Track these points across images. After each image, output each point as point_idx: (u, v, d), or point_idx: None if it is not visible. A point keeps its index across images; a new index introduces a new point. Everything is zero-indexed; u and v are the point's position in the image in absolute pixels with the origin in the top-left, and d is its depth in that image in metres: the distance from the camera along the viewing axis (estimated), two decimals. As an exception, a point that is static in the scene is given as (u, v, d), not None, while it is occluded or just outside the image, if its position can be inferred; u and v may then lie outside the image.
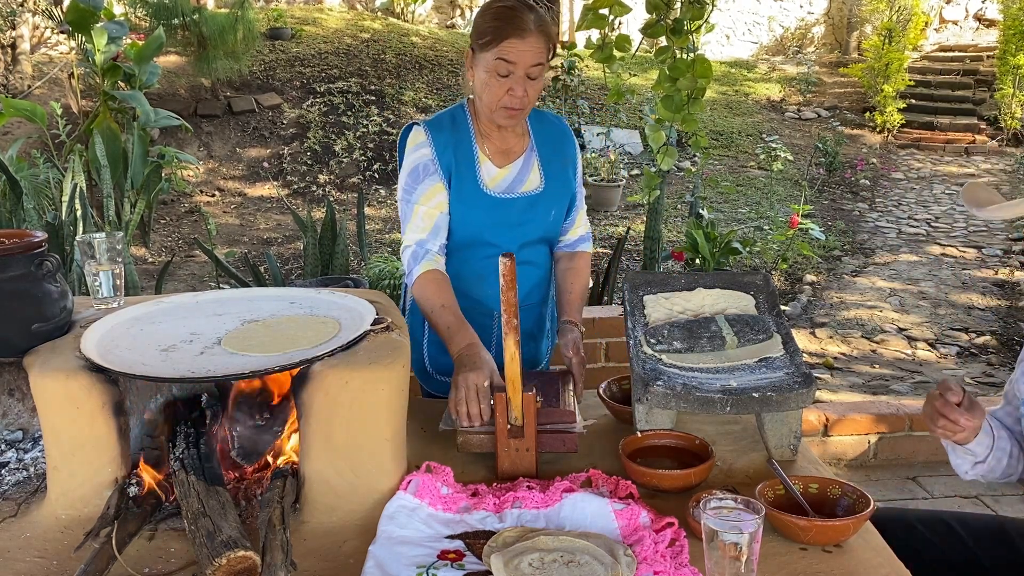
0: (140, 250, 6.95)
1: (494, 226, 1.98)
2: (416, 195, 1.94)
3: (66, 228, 3.99)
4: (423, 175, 1.94)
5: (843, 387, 4.52)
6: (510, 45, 1.78)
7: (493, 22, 1.81)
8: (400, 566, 1.31)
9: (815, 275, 6.58)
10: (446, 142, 1.95)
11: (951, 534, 1.72)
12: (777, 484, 1.50)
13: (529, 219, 2.01)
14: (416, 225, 1.94)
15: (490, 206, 1.97)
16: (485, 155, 1.98)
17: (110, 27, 7.14)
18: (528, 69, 1.81)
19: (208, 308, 1.81)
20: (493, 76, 1.82)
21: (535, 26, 1.79)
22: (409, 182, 1.96)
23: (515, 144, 2.01)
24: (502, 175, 1.99)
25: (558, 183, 2.03)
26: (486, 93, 1.86)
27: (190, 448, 1.54)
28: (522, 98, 1.84)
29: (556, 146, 2.05)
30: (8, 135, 7.94)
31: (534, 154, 2.02)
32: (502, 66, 1.80)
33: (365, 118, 9.61)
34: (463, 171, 1.95)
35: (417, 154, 1.96)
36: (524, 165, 2.01)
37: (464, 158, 1.96)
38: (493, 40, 1.80)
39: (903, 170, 10.06)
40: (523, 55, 1.79)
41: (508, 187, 1.99)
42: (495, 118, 1.91)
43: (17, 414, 1.74)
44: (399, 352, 1.57)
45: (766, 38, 15.74)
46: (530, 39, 1.79)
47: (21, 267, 1.57)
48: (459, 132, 1.97)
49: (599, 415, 1.87)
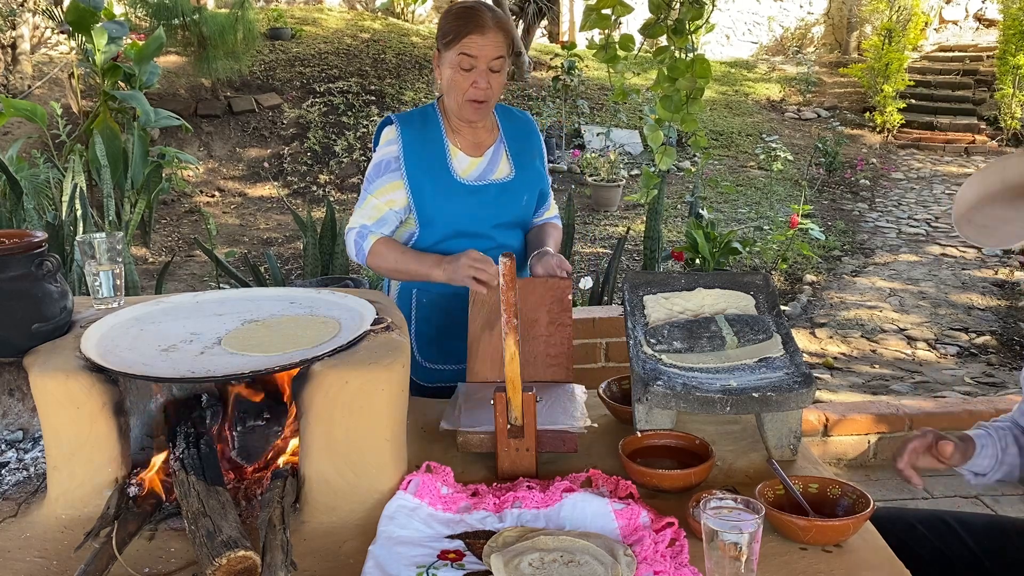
0: (140, 250, 6.95)
1: (470, 212, 2.07)
2: (372, 187, 2.07)
3: (66, 228, 3.99)
4: (384, 171, 2.07)
5: (843, 387, 4.52)
6: (471, 41, 1.92)
7: (455, 21, 1.95)
8: (400, 566, 1.31)
9: (815, 275, 6.58)
10: (415, 137, 2.07)
11: (951, 534, 1.72)
12: (777, 484, 1.50)
13: (503, 204, 2.11)
14: (364, 213, 2.07)
15: (465, 193, 2.07)
16: (457, 148, 2.09)
17: (110, 27, 7.14)
18: (490, 62, 1.95)
19: (208, 308, 1.81)
20: (457, 71, 1.96)
21: (493, 23, 1.94)
22: (372, 174, 2.09)
23: (485, 138, 2.12)
24: (474, 164, 2.10)
25: (528, 172, 2.15)
26: (453, 87, 1.99)
27: (190, 448, 1.54)
28: (486, 90, 1.97)
29: (524, 140, 2.18)
30: (8, 135, 7.94)
31: (503, 145, 2.14)
32: (465, 60, 1.94)
33: (365, 118, 9.62)
34: (435, 164, 2.06)
35: (385, 149, 2.08)
36: (494, 155, 2.12)
37: (435, 152, 2.07)
38: (455, 38, 1.94)
39: (903, 170, 10.06)
40: (484, 49, 1.93)
41: (480, 175, 2.10)
42: (463, 112, 2.02)
43: (17, 414, 1.74)
44: (399, 352, 1.57)
45: (766, 38, 15.75)
46: (489, 34, 1.93)
47: (21, 267, 1.57)
48: (429, 128, 2.09)
49: (599, 415, 1.87)
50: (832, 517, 1.41)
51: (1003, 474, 1.67)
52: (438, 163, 2.05)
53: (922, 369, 4.82)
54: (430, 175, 2.05)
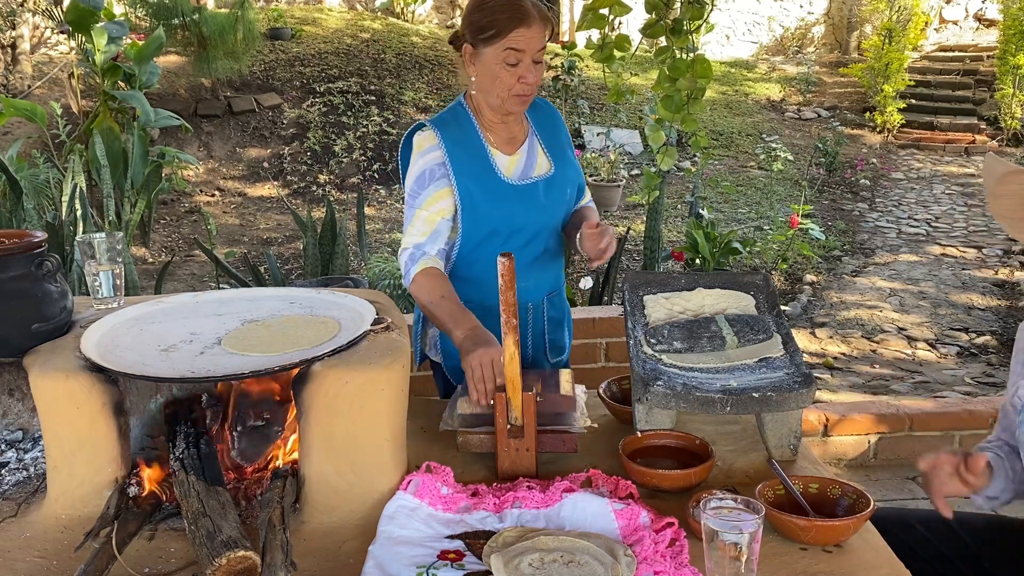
0: (140, 250, 6.95)
1: (523, 214, 2.01)
2: (420, 200, 1.95)
3: (66, 228, 3.99)
4: (429, 180, 1.95)
5: (843, 387, 4.52)
6: (518, 35, 1.84)
7: (497, 15, 1.85)
8: (400, 566, 1.31)
9: (815, 275, 6.58)
10: (456, 140, 1.97)
11: (951, 534, 1.72)
12: (777, 484, 1.50)
13: (552, 201, 2.04)
14: (416, 229, 1.96)
15: (515, 195, 1.99)
16: (493, 146, 2.00)
17: (110, 27, 7.14)
18: (535, 54, 1.88)
19: (208, 308, 1.81)
20: (503, 66, 1.87)
21: (537, 13, 1.87)
22: (415, 187, 1.97)
23: (517, 132, 2.05)
24: (514, 162, 2.02)
25: (565, 164, 2.08)
26: (496, 84, 1.90)
27: (190, 448, 1.54)
28: (533, 82, 1.90)
29: (552, 130, 2.11)
30: (8, 135, 7.94)
31: (536, 138, 2.07)
32: (511, 55, 1.86)
33: (365, 118, 9.61)
34: (478, 165, 1.97)
35: (426, 158, 1.96)
36: (530, 150, 2.05)
37: (477, 153, 1.98)
38: (498, 32, 1.85)
39: (903, 170, 10.05)
40: (531, 42, 1.86)
41: (522, 173, 2.03)
42: (507, 106, 1.94)
43: (17, 414, 1.74)
44: (399, 352, 1.57)
45: (766, 38, 15.74)
46: (535, 26, 1.85)
47: (21, 267, 1.57)
48: (464, 128, 1.99)
49: (599, 415, 1.87)
50: (832, 517, 1.41)
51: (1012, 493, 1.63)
52: (482, 164, 1.97)
53: (922, 369, 4.82)
54: (477, 178, 1.96)
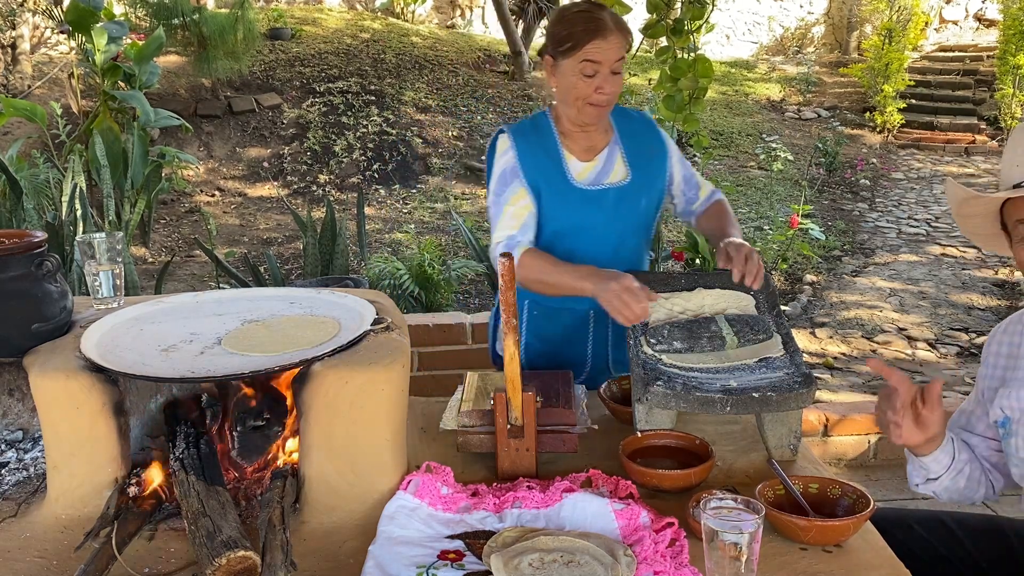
0: (140, 250, 6.94)
1: (589, 219, 2.04)
2: (505, 197, 2.02)
3: (66, 228, 3.99)
4: (511, 179, 2.03)
5: (843, 387, 4.52)
6: (595, 47, 1.89)
7: (575, 27, 1.91)
8: (400, 566, 1.31)
9: (815, 275, 6.58)
10: (530, 145, 2.04)
11: (949, 535, 1.72)
12: (777, 484, 1.50)
13: (622, 211, 2.06)
14: (506, 223, 2.01)
15: (582, 199, 2.03)
16: (569, 152, 2.05)
17: (110, 27, 7.13)
18: (612, 65, 1.91)
19: (208, 308, 1.82)
20: (580, 78, 1.92)
21: (614, 24, 1.90)
22: (498, 186, 2.04)
23: (598, 141, 2.08)
24: (588, 168, 2.06)
25: (645, 173, 2.09)
26: (573, 95, 1.95)
27: (190, 448, 1.54)
28: (610, 93, 1.93)
29: (641, 139, 2.12)
30: (8, 135, 7.94)
31: (618, 147, 2.09)
32: (588, 67, 1.90)
33: (365, 118, 9.61)
34: (551, 170, 2.03)
35: (504, 159, 2.05)
36: (608, 158, 2.08)
37: (550, 157, 2.04)
38: (575, 45, 1.90)
39: (903, 170, 10.05)
40: (607, 53, 1.89)
41: (595, 179, 2.05)
42: (582, 116, 1.98)
43: (17, 414, 1.74)
44: (399, 352, 1.57)
45: (766, 38, 15.74)
46: (611, 37, 1.89)
47: (21, 267, 1.57)
48: (542, 135, 2.06)
49: (599, 415, 1.87)
50: (832, 517, 1.41)
51: (951, 481, 1.60)
52: (553, 167, 2.03)
53: (922, 369, 4.82)
54: (547, 180, 2.02)
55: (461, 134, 9.68)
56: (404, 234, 7.06)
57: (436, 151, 9.35)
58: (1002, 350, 1.61)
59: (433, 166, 9.10)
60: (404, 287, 4.34)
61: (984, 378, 1.64)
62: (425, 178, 8.90)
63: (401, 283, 4.35)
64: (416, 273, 4.45)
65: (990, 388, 1.62)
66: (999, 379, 1.60)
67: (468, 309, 5.37)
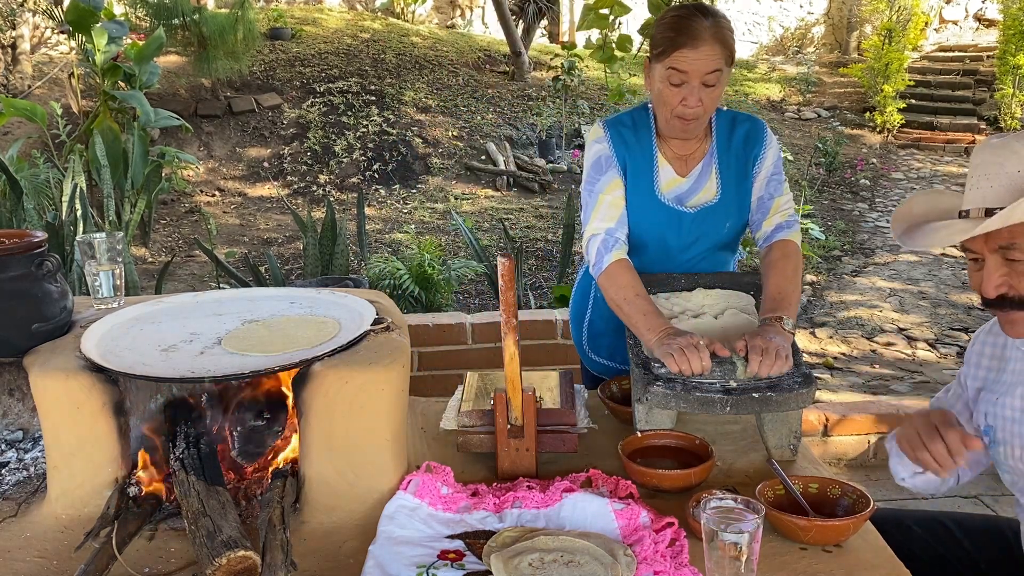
0: (140, 250, 6.95)
1: (666, 233, 1.97)
2: (600, 185, 1.94)
3: (66, 228, 3.99)
4: (606, 166, 1.95)
5: (843, 387, 4.52)
6: (681, 55, 1.77)
7: (667, 32, 1.80)
8: (400, 566, 1.31)
9: (815, 275, 6.58)
10: (624, 139, 1.96)
11: (948, 535, 1.72)
12: (777, 484, 1.50)
13: (702, 232, 1.98)
14: (603, 214, 1.92)
15: (663, 214, 1.95)
16: (665, 159, 1.96)
17: (110, 27, 7.13)
18: (704, 77, 1.78)
19: (208, 308, 1.82)
20: (666, 86, 1.81)
21: (709, 34, 1.76)
22: (592, 173, 1.96)
23: (695, 149, 1.97)
24: (678, 183, 1.96)
25: (736, 194, 1.97)
26: (661, 102, 1.86)
27: (190, 448, 1.54)
28: (696, 107, 1.81)
29: (740, 154, 1.97)
30: (8, 135, 7.94)
31: (713, 161, 1.97)
32: (674, 75, 1.79)
33: (365, 118, 9.61)
34: (640, 172, 1.95)
35: (598, 147, 1.97)
36: (701, 174, 1.97)
37: (643, 159, 1.95)
38: (665, 51, 1.79)
39: (903, 170, 10.06)
40: (695, 64, 1.77)
41: (682, 196, 1.96)
42: (670, 129, 1.90)
43: (17, 414, 1.74)
44: (399, 352, 1.57)
45: (766, 38, 15.75)
46: (703, 48, 1.76)
47: (21, 267, 1.57)
48: (640, 132, 1.97)
49: (599, 415, 1.87)
50: (832, 517, 1.41)
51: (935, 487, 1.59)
52: (644, 171, 1.94)
53: (922, 369, 4.82)
54: (634, 181, 1.94)
55: (461, 134, 9.68)
56: (404, 234, 7.07)
57: (436, 151, 9.35)
58: (985, 351, 1.59)
59: (433, 166, 9.10)
60: (404, 287, 4.34)
61: (966, 376, 1.62)
62: (425, 178, 8.90)
63: (401, 283, 4.35)
64: (416, 273, 4.45)
65: (972, 388, 1.60)
66: (981, 380, 1.58)
67: (468, 309, 5.37)
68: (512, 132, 9.90)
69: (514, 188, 8.77)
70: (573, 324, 2.27)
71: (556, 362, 3.37)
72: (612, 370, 2.19)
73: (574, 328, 2.27)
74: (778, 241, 1.94)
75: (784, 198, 1.98)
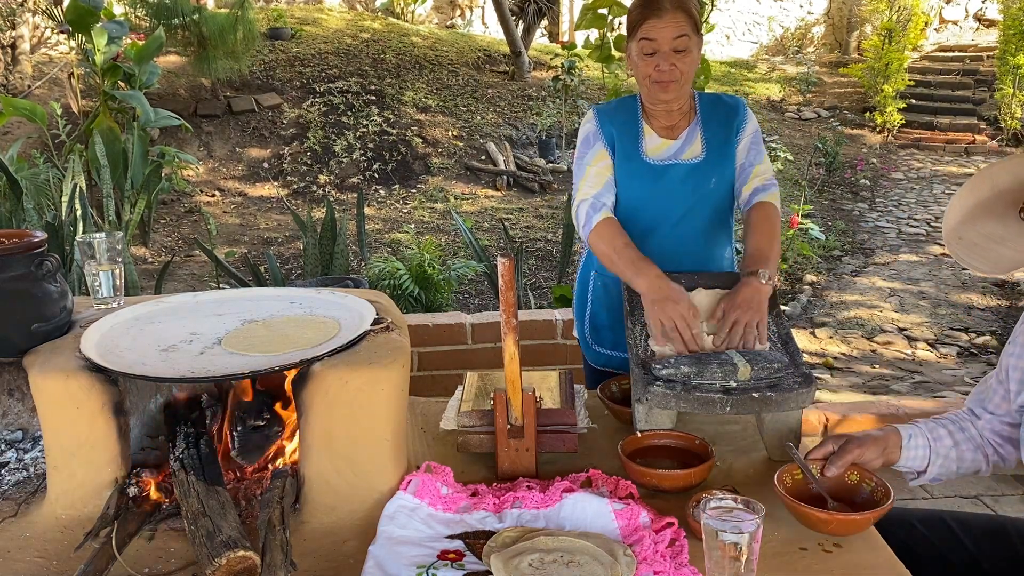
0: (140, 250, 6.94)
1: (654, 196, 2.09)
2: (587, 158, 2.11)
3: (66, 228, 3.99)
4: (593, 141, 2.11)
5: (843, 387, 4.52)
6: (649, 25, 1.95)
7: (635, 9, 1.99)
8: (400, 566, 1.31)
9: (815, 275, 6.58)
10: (611, 118, 2.12)
11: (950, 534, 1.72)
12: (795, 469, 1.50)
13: (689, 187, 2.09)
14: (589, 182, 2.08)
15: (647, 173, 2.08)
16: (651, 128, 2.11)
17: (110, 27, 7.13)
18: (672, 43, 1.94)
19: (208, 308, 1.81)
20: (641, 58, 1.99)
21: (671, 4, 1.94)
22: (582, 148, 2.14)
23: (679, 121, 2.11)
24: (664, 146, 2.10)
25: (720, 154, 2.10)
26: (638, 74, 2.02)
27: (190, 448, 1.54)
28: (671, 70, 1.96)
29: (724, 121, 2.12)
30: (8, 135, 7.94)
31: (698, 127, 2.12)
32: (646, 45, 1.96)
33: (365, 118, 9.61)
34: (626, 141, 2.09)
35: (587, 127, 2.15)
36: (687, 138, 2.11)
37: (629, 131, 2.10)
38: (636, 26, 1.98)
39: (903, 170, 10.06)
40: (663, 31, 1.93)
41: (668, 156, 2.09)
42: (652, 95, 2.03)
43: (17, 414, 1.74)
44: (399, 352, 1.57)
45: (766, 38, 15.75)
46: (667, 16, 1.93)
47: (21, 267, 1.57)
48: (627, 111, 2.13)
49: (599, 415, 1.87)
50: (850, 505, 1.41)
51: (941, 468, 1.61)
52: (629, 140, 2.09)
53: (922, 369, 4.82)
54: (621, 148, 2.08)
55: (461, 134, 9.68)
56: (404, 234, 7.07)
57: (436, 151, 9.35)
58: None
59: (433, 166, 9.10)
60: (404, 287, 4.34)
61: (1012, 356, 1.61)
62: (425, 178, 8.90)
63: (401, 283, 4.35)
64: (416, 273, 4.45)
65: (1016, 368, 1.59)
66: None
67: (468, 309, 5.37)
68: (512, 132, 9.90)
69: (514, 188, 8.77)
70: (576, 318, 2.34)
71: (556, 362, 3.37)
72: (615, 360, 2.23)
73: (577, 322, 2.34)
74: (756, 203, 2.09)
75: (763, 166, 2.13)
